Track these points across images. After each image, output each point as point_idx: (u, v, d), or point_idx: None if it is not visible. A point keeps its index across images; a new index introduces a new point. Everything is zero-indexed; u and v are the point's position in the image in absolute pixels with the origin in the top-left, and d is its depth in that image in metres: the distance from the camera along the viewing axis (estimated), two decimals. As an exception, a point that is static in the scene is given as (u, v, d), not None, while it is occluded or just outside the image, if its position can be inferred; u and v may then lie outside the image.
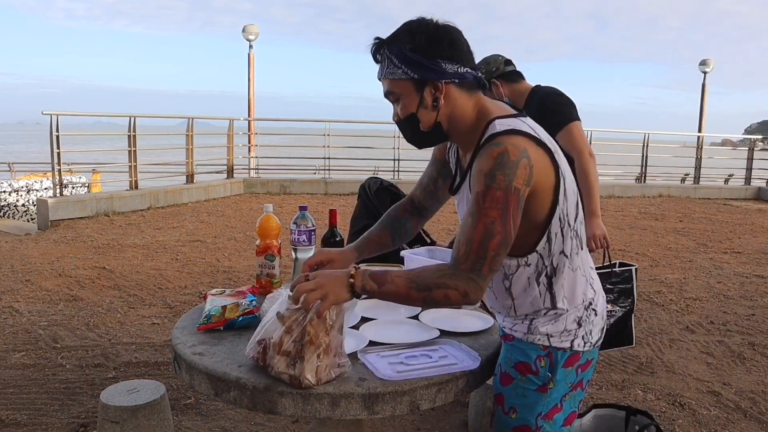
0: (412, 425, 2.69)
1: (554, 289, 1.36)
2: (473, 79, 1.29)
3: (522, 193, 1.20)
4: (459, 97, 1.29)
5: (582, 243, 1.38)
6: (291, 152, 12.81)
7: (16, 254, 5.65)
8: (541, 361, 1.39)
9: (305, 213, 2.07)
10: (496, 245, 1.19)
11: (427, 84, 1.27)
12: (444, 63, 1.25)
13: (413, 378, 1.38)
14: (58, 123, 7.17)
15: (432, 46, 1.25)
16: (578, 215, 1.35)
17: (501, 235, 1.19)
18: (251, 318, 1.66)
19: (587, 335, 1.41)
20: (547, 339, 1.38)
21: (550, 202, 1.26)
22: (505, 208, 1.18)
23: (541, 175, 1.23)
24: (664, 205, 10.18)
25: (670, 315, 4.32)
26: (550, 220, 1.28)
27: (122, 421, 2.22)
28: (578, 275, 1.38)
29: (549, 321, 1.38)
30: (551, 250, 1.32)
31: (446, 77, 1.26)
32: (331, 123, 10.89)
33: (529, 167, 1.20)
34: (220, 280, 4.88)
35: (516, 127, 1.24)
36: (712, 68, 14.57)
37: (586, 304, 1.41)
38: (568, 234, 1.32)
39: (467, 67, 1.28)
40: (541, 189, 1.24)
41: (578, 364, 1.42)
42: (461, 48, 1.28)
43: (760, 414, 2.88)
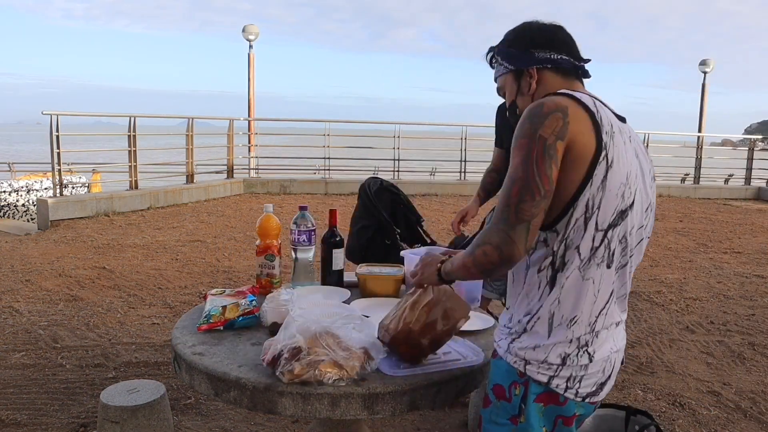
0: (412, 425, 2.69)
1: (554, 283, 1.25)
2: (570, 66, 1.34)
3: (549, 143, 1.17)
4: (552, 82, 1.34)
5: (613, 261, 1.25)
6: (291, 152, 12.81)
7: (16, 254, 5.65)
8: (516, 388, 1.29)
9: (305, 213, 2.08)
10: (517, 191, 1.18)
11: (523, 73, 1.36)
12: (537, 52, 1.34)
13: (418, 373, 1.38)
14: (58, 123, 7.17)
15: (526, 39, 1.36)
16: (618, 225, 1.24)
17: (521, 180, 1.18)
18: (251, 318, 1.67)
19: (573, 380, 1.26)
20: (523, 365, 1.27)
21: (582, 177, 1.19)
22: (526, 154, 1.18)
23: (579, 136, 1.19)
24: (664, 205, 10.18)
25: (670, 315, 4.32)
26: (578, 198, 1.20)
27: (122, 421, 2.22)
28: (586, 288, 1.25)
29: (529, 345, 1.27)
30: (566, 235, 1.22)
31: (538, 63, 1.34)
32: (331, 123, 10.89)
33: (563, 121, 1.19)
34: (220, 280, 4.88)
35: (571, 93, 1.26)
36: (712, 68, 14.56)
37: (581, 341, 1.26)
38: (590, 231, 1.22)
39: (562, 55, 1.34)
40: (577, 150, 1.19)
41: (559, 411, 1.27)
42: (556, 38, 1.35)
43: (760, 414, 2.88)
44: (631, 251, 1.29)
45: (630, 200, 1.25)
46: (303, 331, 1.38)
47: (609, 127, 1.23)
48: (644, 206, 1.30)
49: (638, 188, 1.27)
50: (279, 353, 1.35)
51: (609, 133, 1.22)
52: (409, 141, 11.08)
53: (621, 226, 1.24)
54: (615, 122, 1.27)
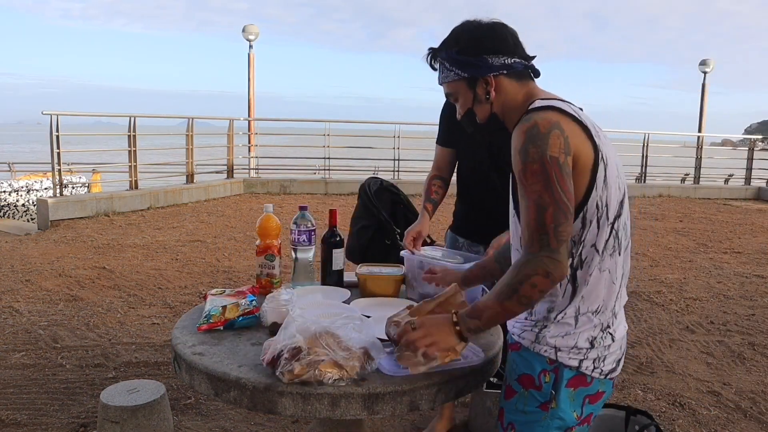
0: (412, 425, 2.70)
1: (577, 282, 1.29)
2: (522, 68, 1.34)
3: (562, 161, 1.20)
4: (510, 87, 1.35)
5: (620, 248, 1.31)
6: (291, 152, 12.82)
7: (16, 254, 5.65)
8: (546, 375, 1.31)
9: (305, 213, 2.07)
10: (551, 216, 1.20)
11: (478, 80, 1.35)
12: (490, 58, 1.32)
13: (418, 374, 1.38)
14: (58, 123, 7.17)
15: (476, 45, 1.33)
16: (621, 215, 1.30)
17: (552, 205, 1.20)
18: (251, 318, 1.66)
19: (599, 360, 1.32)
20: (554, 352, 1.31)
21: (588, 182, 1.24)
22: (546, 178, 1.19)
23: (579, 148, 1.22)
24: (664, 205, 10.18)
25: (670, 315, 4.32)
26: (587, 202, 1.24)
27: (122, 421, 2.22)
28: (605, 278, 1.30)
29: (559, 333, 1.31)
30: (583, 237, 1.27)
31: (494, 70, 1.33)
32: (331, 123, 10.89)
33: (563, 137, 1.21)
34: (220, 280, 4.88)
35: (552, 104, 1.26)
36: (712, 68, 14.57)
37: (604, 324, 1.32)
38: (604, 227, 1.27)
39: (515, 58, 1.33)
40: (580, 163, 1.22)
41: (586, 392, 1.33)
42: (506, 40, 1.34)
43: (760, 414, 2.88)
44: (629, 231, 1.36)
45: (624, 189, 1.32)
46: (303, 331, 1.38)
47: (594, 128, 1.27)
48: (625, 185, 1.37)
49: (622, 175, 1.33)
50: (279, 353, 1.35)
51: (597, 134, 1.26)
52: (409, 141, 11.08)
53: (623, 215, 1.31)
54: (592, 120, 1.30)
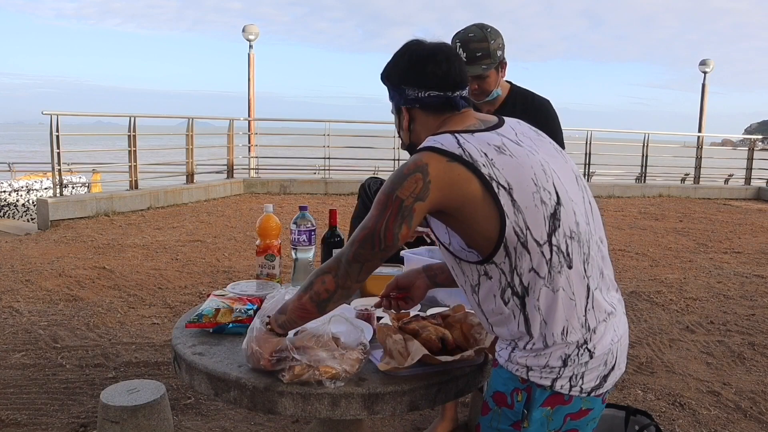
0: (412, 425, 2.70)
1: (527, 310, 1.24)
2: (438, 102, 1.32)
3: (406, 204, 1.21)
4: (424, 120, 1.35)
5: (569, 260, 1.23)
6: (291, 152, 12.82)
7: (16, 254, 5.65)
8: (518, 394, 1.28)
9: (305, 213, 2.08)
10: (362, 238, 1.26)
11: (400, 109, 1.38)
12: (408, 89, 1.34)
13: (419, 374, 1.38)
14: (58, 123, 7.17)
15: (397, 73, 1.35)
16: (558, 228, 1.22)
17: (369, 230, 1.25)
18: (242, 326, 1.64)
19: (576, 378, 1.26)
20: (525, 371, 1.26)
21: (494, 214, 1.19)
22: (382, 210, 1.24)
23: (453, 188, 1.20)
24: (664, 205, 10.18)
25: (670, 315, 4.32)
26: (504, 232, 1.20)
27: (122, 421, 2.22)
28: (560, 298, 1.23)
29: (530, 353, 1.26)
30: (515, 265, 1.22)
31: (408, 103, 1.35)
32: (331, 123, 10.90)
33: (423, 182, 1.21)
34: (220, 280, 4.88)
35: (434, 144, 1.25)
36: (712, 68, 14.56)
37: (579, 341, 1.25)
38: (535, 250, 1.21)
39: (432, 91, 1.32)
40: (464, 200, 1.20)
41: (567, 410, 1.28)
42: (427, 71, 1.31)
43: (760, 414, 2.88)
44: (588, 234, 1.27)
45: (554, 199, 1.23)
46: (302, 332, 1.39)
47: (484, 157, 1.22)
48: (572, 183, 1.29)
49: (555, 178, 1.25)
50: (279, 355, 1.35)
51: (487, 163, 1.21)
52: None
53: (561, 227, 1.23)
54: (490, 143, 1.25)
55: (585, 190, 1.34)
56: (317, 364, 1.32)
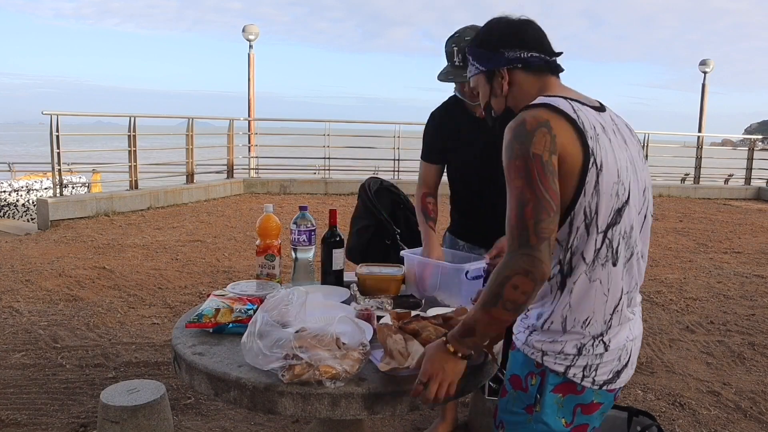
0: (412, 425, 2.69)
1: (565, 289, 1.26)
2: (540, 62, 1.33)
3: (545, 159, 1.17)
4: (524, 81, 1.34)
5: (616, 258, 1.24)
6: (291, 152, 12.81)
7: (16, 254, 5.65)
8: (532, 378, 1.29)
9: (305, 213, 2.08)
10: (531, 212, 1.16)
11: (495, 73, 1.36)
12: (507, 51, 1.33)
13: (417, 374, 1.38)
14: (58, 123, 7.17)
15: (494, 38, 1.35)
16: (618, 223, 1.24)
17: (532, 201, 1.16)
18: (242, 326, 1.64)
19: (589, 369, 1.27)
20: (540, 356, 1.28)
21: (575, 186, 1.20)
22: (527, 174, 1.17)
23: (567, 148, 1.19)
24: (664, 205, 10.18)
25: (670, 315, 4.32)
26: (574, 207, 1.21)
27: (122, 421, 2.22)
28: (595, 289, 1.25)
29: (546, 338, 1.28)
30: (570, 243, 1.23)
31: (508, 63, 1.34)
32: (331, 123, 10.89)
33: (549, 135, 1.19)
34: (220, 280, 4.88)
35: (550, 102, 1.24)
36: (712, 68, 14.55)
37: (594, 333, 1.27)
38: (593, 235, 1.22)
39: (532, 52, 1.32)
40: (567, 164, 1.19)
41: (577, 400, 1.29)
42: (525, 35, 1.33)
43: (760, 414, 2.88)
44: (635, 242, 1.29)
45: (625, 196, 1.25)
46: (303, 330, 1.39)
47: (593, 130, 1.23)
48: (640, 192, 1.31)
49: (632, 179, 1.27)
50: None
51: (594, 137, 1.22)
52: (409, 141, 11.08)
53: (620, 224, 1.25)
54: (597, 121, 1.26)
55: (648, 204, 1.34)
56: (318, 363, 1.32)
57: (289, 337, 1.34)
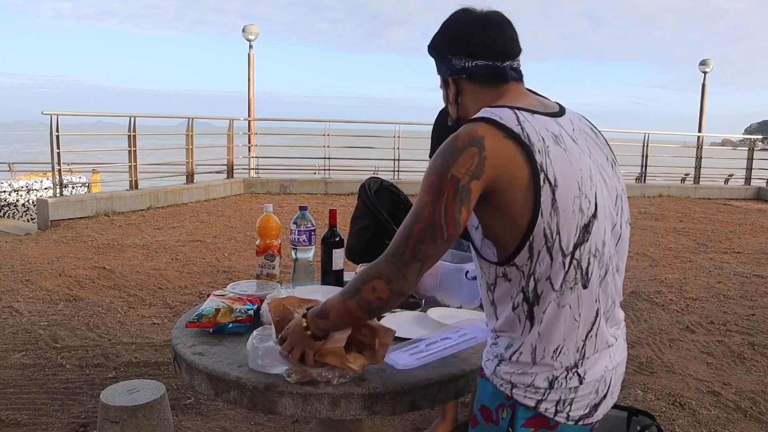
0: (412, 425, 2.69)
1: (534, 318, 1.15)
2: (487, 71, 1.22)
3: (462, 184, 1.09)
4: (473, 92, 1.25)
5: (586, 280, 1.14)
6: (291, 152, 12.81)
7: (16, 254, 5.65)
8: (504, 411, 1.20)
9: (305, 213, 2.07)
10: (419, 231, 1.11)
11: (447, 81, 1.28)
12: (454, 59, 1.24)
13: (434, 360, 1.38)
14: (58, 123, 7.17)
15: (443, 43, 1.26)
16: (585, 242, 1.13)
17: (427, 221, 1.11)
18: (242, 326, 1.64)
19: (562, 404, 1.17)
20: (510, 388, 1.18)
21: (530, 207, 1.09)
22: (437, 194, 1.10)
23: (506, 169, 1.10)
24: (664, 205, 10.18)
25: (670, 315, 4.32)
26: (533, 229, 1.10)
27: (122, 421, 2.22)
28: (565, 315, 1.14)
29: (515, 369, 1.18)
30: (532, 270, 1.12)
31: (455, 73, 1.25)
32: (331, 123, 10.90)
33: (479, 156, 1.09)
34: (220, 280, 4.88)
35: (490, 115, 1.14)
36: (712, 68, 14.55)
37: (568, 364, 1.16)
38: (557, 258, 1.11)
39: (480, 60, 1.21)
40: (510, 184, 1.10)
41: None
42: (473, 39, 1.22)
43: (760, 414, 2.88)
44: (610, 258, 1.18)
45: (591, 210, 1.14)
46: None
47: (540, 143, 1.12)
48: (612, 201, 1.20)
49: (598, 189, 1.16)
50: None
51: (542, 149, 1.11)
52: (409, 141, 11.09)
53: (589, 242, 1.13)
54: (549, 131, 1.15)
55: (622, 213, 1.23)
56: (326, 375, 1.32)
57: None
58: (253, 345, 1.39)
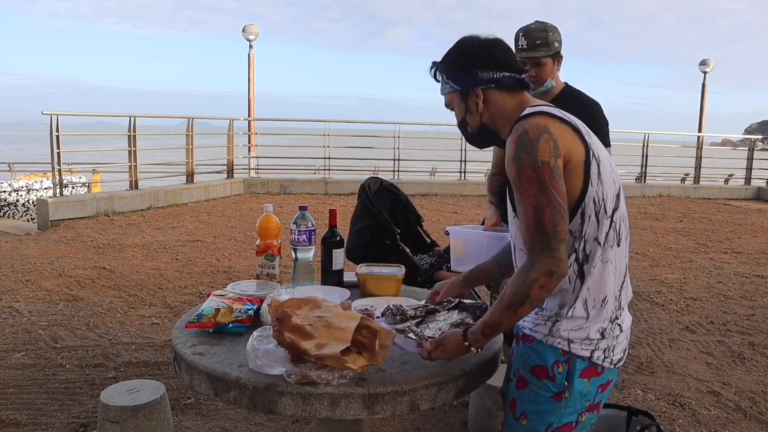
0: (412, 425, 2.69)
1: (584, 275, 1.35)
2: (512, 81, 1.41)
3: (553, 165, 1.27)
4: (499, 99, 1.43)
5: (620, 239, 1.38)
6: (291, 152, 12.81)
7: (16, 254, 5.65)
8: (559, 366, 1.37)
9: (305, 213, 2.08)
10: (549, 217, 1.26)
11: (469, 93, 1.44)
12: (480, 72, 1.41)
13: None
14: (58, 123, 7.17)
15: (467, 60, 1.43)
16: (618, 208, 1.37)
17: (549, 207, 1.26)
18: (242, 326, 1.64)
19: (609, 350, 1.39)
20: (567, 344, 1.37)
21: (582, 179, 1.30)
22: (540, 182, 1.26)
23: (569, 148, 1.29)
24: (664, 205, 10.18)
25: (670, 315, 4.32)
26: (584, 198, 1.31)
27: (122, 421, 2.22)
28: (608, 269, 1.36)
29: (572, 327, 1.37)
30: (584, 232, 1.33)
31: (482, 84, 1.42)
32: (331, 123, 10.89)
33: (552, 141, 1.28)
34: (220, 280, 4.88)
35: (541, 109, 1.34)
36: (712, 68, 14.54)
37: (612, 317, 1.39)
38: (603, 221, 1.33)
39: (505, 72, 1.41)
40: (572, 162, 1.30)
41: (599, 381, 1.40)
42: (496, 55, 1.42)
43: (760, 414, 2.88)
44: (627, 223, 1.44)
45: (619, 182, 1.40)
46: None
47: (584, 128, 1.36)
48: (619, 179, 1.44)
49: (614, 166, 1.41)
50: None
51: (587, 134, 1.35)
52: (409, 141, 11.08)
53: (620, 208, 1.38)
54: (581, 123, 1.38)
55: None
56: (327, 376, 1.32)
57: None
58: (253, 346, 1.39)
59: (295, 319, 1.35)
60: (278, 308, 1.38)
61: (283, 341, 1.33)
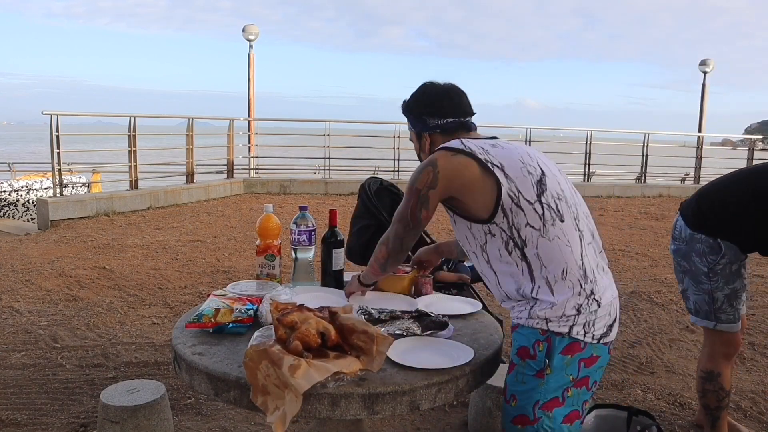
0: (412, 425, 2.69)
1: (528, 258, 1.49)
2: (456, 125, 1.70)
3: (423, 193, 1.57)
4: (442, 141, 1.66)
5: (561, 215, 1.50)
6: (291, 152, 12.81)
7: (16, 254, 5.65)
8: (540, 345, 1.49)
9: (305, 213, 2.08)
10: (398, 219, 1.65)
11: (421, 134, 1.75)
12: (428, 119, 1.71)
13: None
14: (58, 123, 7.17)
15: (419, 108, 1.73)
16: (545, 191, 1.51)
17: (402, 215, 1.63)
18: (242, 326, 1.64)
19: (588, 325, 1.49)
20: (545, 323, 1.48)
21: (491, 185, 1.49)
22: (408, 199, 1.61)
23: (460, 170, 1.52)
24: (664, 205, 10.18)
25: (670, 315, 4.31)
26: (500, 197, 1.48)
27: (122, 421, 2.22)
28: (558, 244, 1.48)
29: (547, 306, 1.48)
30: (512, 222, 1.49)
31: (430, 129, 1.72)
32: (331, 123, 10.89)
33: (433, 173, 1.55)
34: (220, 280, 4.88)
35: (445, 144, 1.60)
36: (712, 68, 14.54)
37: (587, 292, 1.48)
38: (527, 207, 1.48)
39: (448, 118, 1.69)
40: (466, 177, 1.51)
41: (580, 355, 1.49)
42: (443, 104, 1.70)
43: (760, 414, 2.88)
44: (572, 200, 1.57)
45: (539, 172, 1.54)
46: None
47: (480, 149, 1.54)
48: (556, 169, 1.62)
49: (539, 160, 1.58)
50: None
51: (483, 151, 1.54)
52: (408, 141, 11.07)
53: (548, 190, 1.52)
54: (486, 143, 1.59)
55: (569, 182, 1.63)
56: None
57: None
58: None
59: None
60: (278, 307, 1.40)
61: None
